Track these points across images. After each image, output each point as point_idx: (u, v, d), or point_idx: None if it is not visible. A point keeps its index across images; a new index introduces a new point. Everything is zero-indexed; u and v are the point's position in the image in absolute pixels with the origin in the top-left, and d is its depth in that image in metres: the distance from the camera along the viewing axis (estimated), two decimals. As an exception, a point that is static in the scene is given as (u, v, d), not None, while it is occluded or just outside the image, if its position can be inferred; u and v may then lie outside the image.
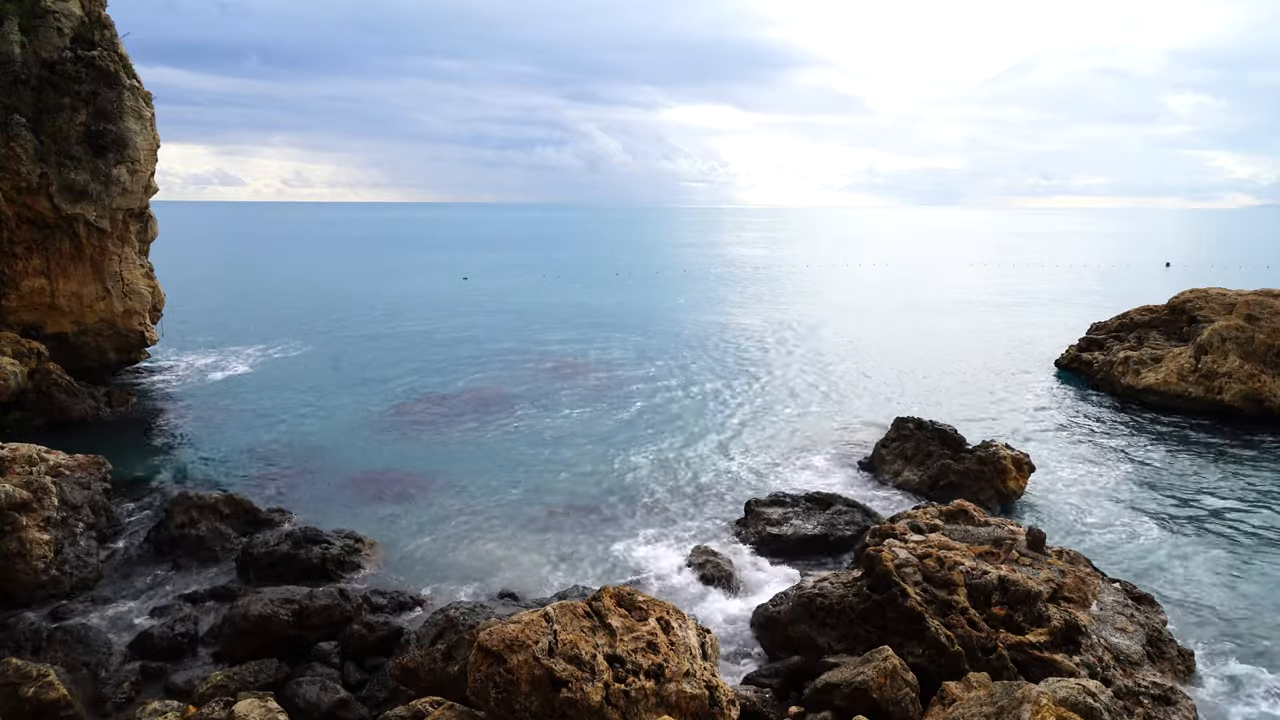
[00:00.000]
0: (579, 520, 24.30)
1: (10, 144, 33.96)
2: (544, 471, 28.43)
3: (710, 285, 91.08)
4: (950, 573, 16.17)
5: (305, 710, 14.68)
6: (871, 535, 18.80)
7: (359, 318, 63.25)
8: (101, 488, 23.41)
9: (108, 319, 38.80)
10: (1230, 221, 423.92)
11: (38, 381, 33.08)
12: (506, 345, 52.01)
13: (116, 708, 15.33)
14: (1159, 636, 16.29)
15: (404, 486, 26.87)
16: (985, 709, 11.78)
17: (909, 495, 26.06)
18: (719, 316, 65.92)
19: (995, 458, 25.74)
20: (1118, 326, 44.41)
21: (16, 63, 34.34)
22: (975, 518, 19.69)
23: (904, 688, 13.98)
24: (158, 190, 40.29)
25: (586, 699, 11.60)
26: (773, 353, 50.12)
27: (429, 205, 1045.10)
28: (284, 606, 17.18)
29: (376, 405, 37.03)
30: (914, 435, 27.80)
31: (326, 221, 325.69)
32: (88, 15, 36.98)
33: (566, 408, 36.83)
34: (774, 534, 22.29)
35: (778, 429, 33.78)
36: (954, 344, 53.14)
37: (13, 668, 14.28)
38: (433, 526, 23.71)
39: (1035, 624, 15.16)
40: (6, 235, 35.43)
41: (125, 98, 36.95)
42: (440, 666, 14.23)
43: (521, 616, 12.71)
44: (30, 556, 18.93)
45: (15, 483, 20.04)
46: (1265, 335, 35.30)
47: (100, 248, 37.73)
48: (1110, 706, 11.70)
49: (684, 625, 13.51)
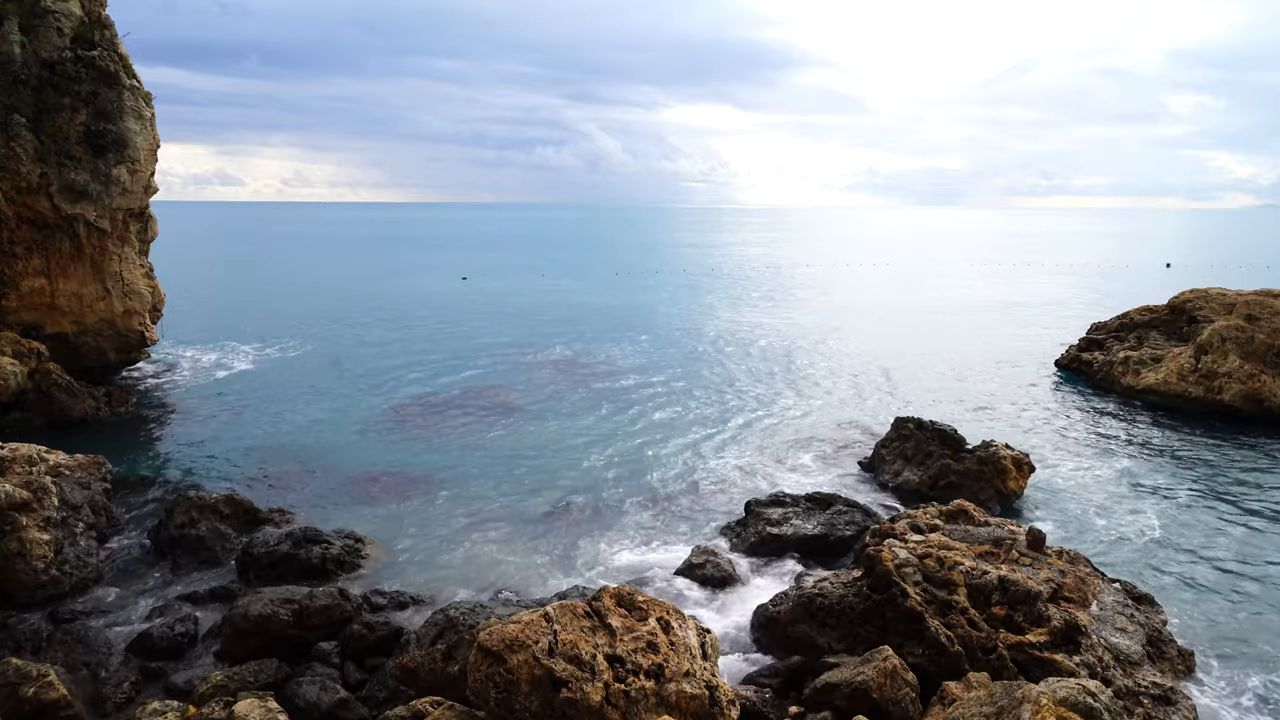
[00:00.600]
0: (579, 520, 24.31)
1: (10, 144, 33.95)
2: (544, 471, 28.44)
3: (710, 285, 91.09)
4: (950, 573, 16.17)
5: (305, 710, 14.68)
6: (871, 535, 18.79)
7: (359, 318, 63.25)
8: (101, 488, 23.40)
9: (108, 319, 38.79)
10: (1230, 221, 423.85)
11: (38, 381, 33.08)
12: (507, 345, 52.03)
13: (116, 708, 15.33)
14: (1159, 636, 16.29)
15: (404, 486, 26.88)
16: (985, 709, 11.78)
17: (909, 495, 26.07)
18: (719, 316, 65.94)
19: (995, 458, 25.75)
20: (1118, 326, 44.41)
21: (16, 63, 34.33)
22: (975, 518, 19.69)
23: (904, 688, 13.98)
24: (158, 190, 40.28)
25: (586, 699, 11.60)
26: (773, 353, 50.14)
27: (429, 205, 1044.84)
28: (284, 606, 17.18)
29: (377, 405, 37.04)
30: (914, 435, 27.81)
31: (326, 221, 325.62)
32: (88, 15, 36.96)
33: (566, 408, 36.84)
34: (774, 534, 22.28)
35: (778, 429, 33.79)
36: (954, 344, 53.14)
37: (13, 668, 14.28)
38: (433, 526, 23.71)
39: (1035, 624, 15.16)
40: (6, 235, 35.42)
41: (125, 98, 36.94)
42: (440, 666, 14.23)
43: (521, 616, 12.70)
44: (30, 556, 18.93)
45: (15, 483, 20.04)
46: (1265, 335, 35.31)
47: (100, 248, 37.73)
48: (1110, 706, 11.70)
49: (684, 625, 13.50)
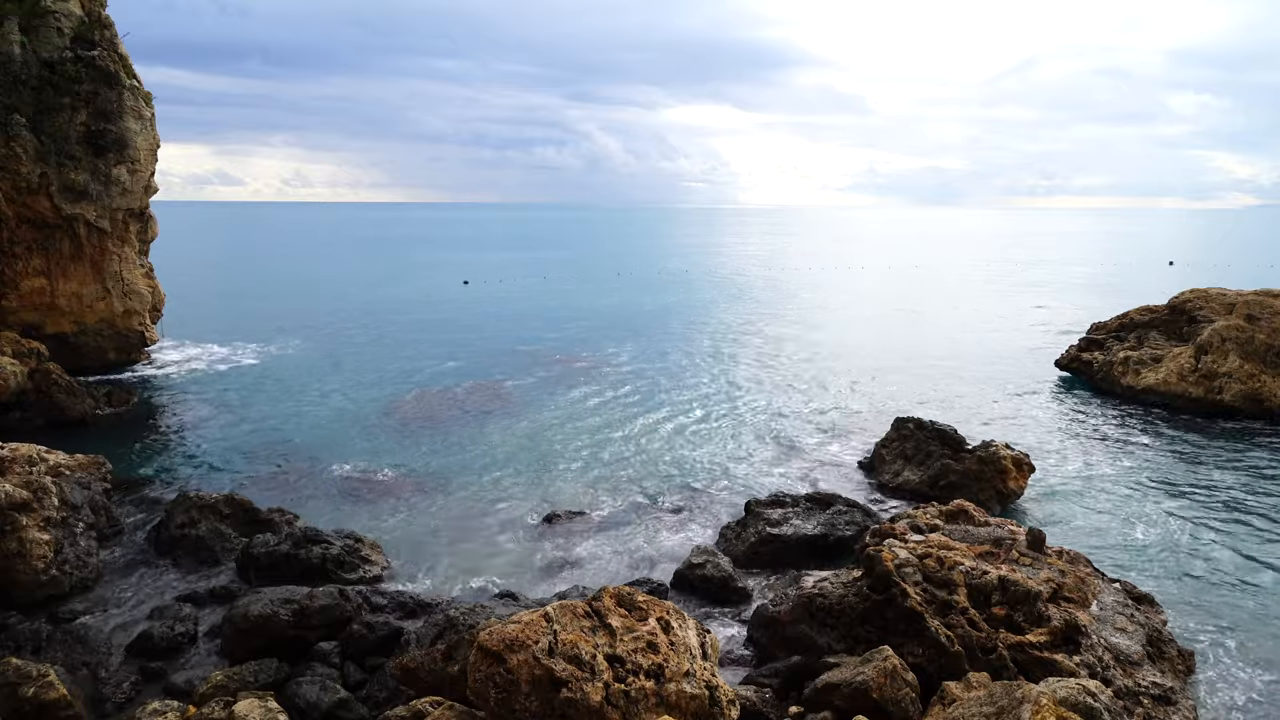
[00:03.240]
0: (579, 520, 24.31)
1: (10, 144, 33.97)
2: (544, 472, 28.44)
3: (710, 285, 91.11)
4: (950, 573, 16.16)
5: (305, 710, 14.67)
6: (871, 535, 18.77)
7: (359, 318, 63.26)
8: (101, 488, 23.40)
9: (107, 319, 38.82)
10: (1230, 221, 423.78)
11: (38, 381, 33.08)
12: (507, 345, 52.04)
13: (116, 708, 15.32)
14: (1159, 636, 16.28)
15: (404, 486, 26.88)
16: (985, 709, 11.78)
17: (909, 495, 26.07)
18: (719, 317, 65.96)
19: (995, 458, 25.74)
20: (1118, 326, 44.39)
21: (16, 63, 34.33)
22: (975, 518, 19.68)
23: (904, 688, 13.97)
24: (158, 190, 40.31)
25: (586, 699, 11.60)
26: (772, 353, 50.15)
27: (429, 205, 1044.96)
28: (284, 606, 17.17)
29: (377, 405, 37.04)
30: (914, 435, 27.80)
31: (326, 221, 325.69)
32: (88, 15, 36.98)
33: (566, 408, 36.85)
34: (774, 534, 22.27)
35: (778, 429, 33.79)
36: (954, 344, 53.16)
37: (13, 668, 14.27)
38: (433, 526, 23.71)
39: (1035, 624, 15.15)
40: (6, 235, 35.43)
41: (125, 98, 36.97)
42: (440, 666, 14.22)
43: (521, 616, 12.70)
44: (30, 556, 18.92)
45: (15, 483, 20.03)
46: (1265, 335, 35.30)
47: (100, 248, 37.74)
48: (1110, 706, 11.70)
49: (684, 625, 13.50)
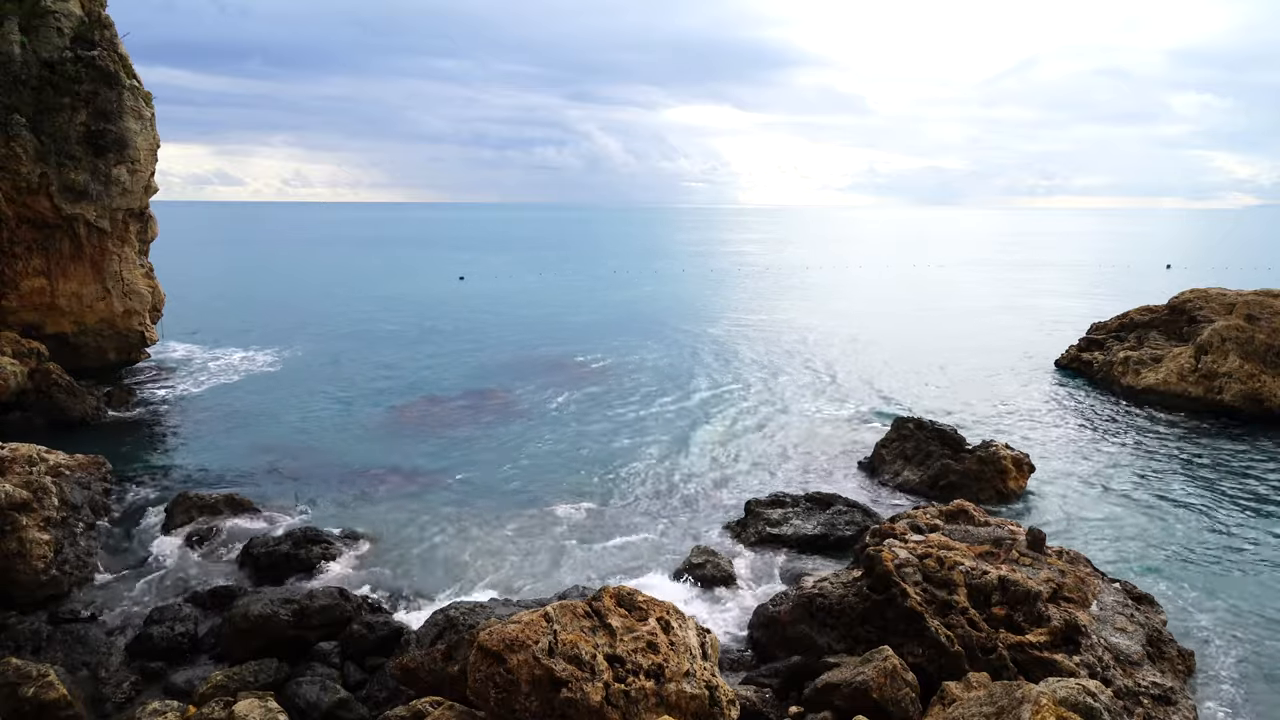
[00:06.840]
0: (579, 520, 24.31)
1: (10, 144, 33.95)
2: (544, 471, 28.43)
3: (710, 285, 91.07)
4: (950, 573, 16.16)
5: (305, 710, 14.67)
6: (871, 535, 18.77)
7: (359, 317, 63.24)
8: (101, 488, 23.42)
9: (108, 319, 38.80)
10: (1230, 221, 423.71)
11: (38, 381, 33.08)
12: (507, 345, 52.02)
13: (116, 708, 15.32)
14: (1159, 636, 16.28)
15: (404, 486, 26.87)
16: (985, 709, 11.78)
17: (909, 495, 26.07)
18: (718, 316, 65.91)
19: (995, 457, 25.75)
20: (1118, 326, 44.40)
21: (16, 63, 34.31)
22: (975, 518, 19.68)
23: (904, 688, 13.97)
24: (158, 190, 40.28)
25: (586, 699, 11.60)
26: (772, 352, 50.12)
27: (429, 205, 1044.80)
28: (284, 606, 17.18)
29: (377, 405, 37.02)
30: (914, 435, 27.81)
31: (326, 221, 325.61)
32: (88, 15, 36.95)
33: (566, 407, 36.84)
34: (774, 534, 22.28)
35: (778, 429, 33.78)
36: (954, 344, 53.13)
37: (13, 668, 14.27)
38: (433, 526, 23.70)
39: (1035, 624, 15.15)
40: (6, 235, 35.42)
41: (125, 98, 36.95)
42: (440, 666, 14.22)
43: (521, 616, 12.70)
44: (30, 556, 18.92)
45: (15, 483, 20.04)
46: (1265, 335, 35.30)
47: (100, 248, 37.73)
48: (1110, 706, 11.70)
49: (684, 625, 13.50)
